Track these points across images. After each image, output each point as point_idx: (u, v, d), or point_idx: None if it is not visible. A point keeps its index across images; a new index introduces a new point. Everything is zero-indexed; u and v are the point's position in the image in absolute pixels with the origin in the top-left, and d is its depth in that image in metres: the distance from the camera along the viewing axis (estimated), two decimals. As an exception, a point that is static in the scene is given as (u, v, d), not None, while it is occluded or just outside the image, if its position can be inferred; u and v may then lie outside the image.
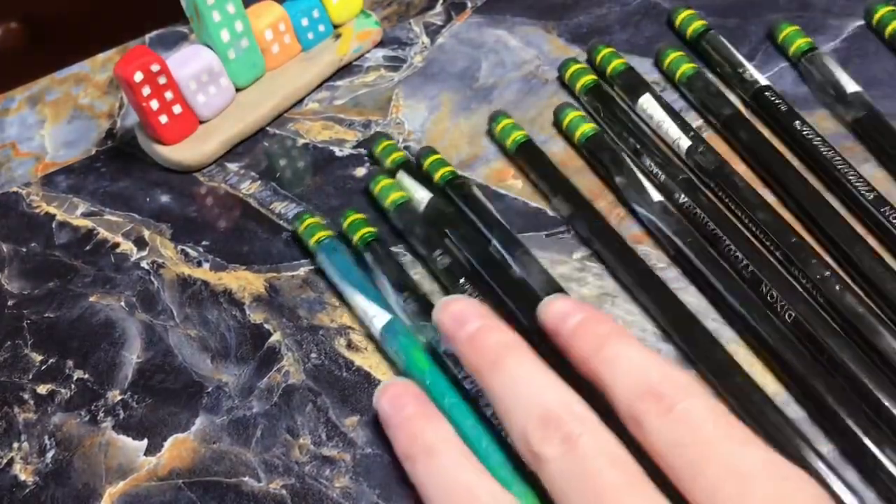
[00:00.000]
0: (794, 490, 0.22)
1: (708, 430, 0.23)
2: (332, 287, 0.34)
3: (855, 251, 0.32)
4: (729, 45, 0.38)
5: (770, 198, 0.34)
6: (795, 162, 0.35)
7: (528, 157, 0.37)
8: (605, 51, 0.39)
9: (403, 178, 0.36)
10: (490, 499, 0.25)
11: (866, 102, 0.35)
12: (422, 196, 0.35)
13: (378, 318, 0.32)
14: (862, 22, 0.39)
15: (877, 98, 0.36)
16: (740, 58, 0.38)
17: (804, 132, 0.35)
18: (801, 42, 0.38)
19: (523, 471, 0.26)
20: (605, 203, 0.35)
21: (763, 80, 0.37)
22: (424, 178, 0.36)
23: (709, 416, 0.23)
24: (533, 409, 0.24)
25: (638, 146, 0.36)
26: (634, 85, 0.38)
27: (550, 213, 0.36)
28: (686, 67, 0.38)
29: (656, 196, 0.34)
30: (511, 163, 0.37)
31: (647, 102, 0.37)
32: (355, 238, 0.34)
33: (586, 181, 0.36)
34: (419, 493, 0.26)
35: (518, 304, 0.31)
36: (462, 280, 0.32)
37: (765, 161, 0.35)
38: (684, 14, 0.40)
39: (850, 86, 0.36)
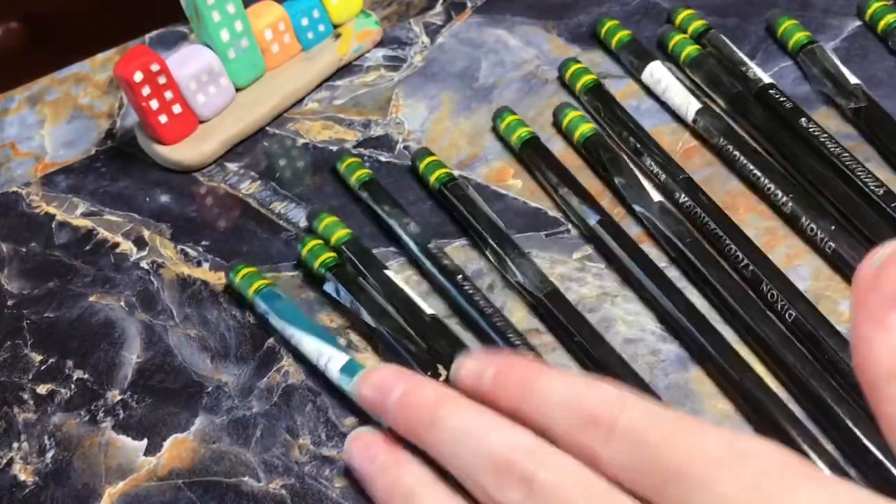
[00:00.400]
0: (760, 456, 0.21)
1: (656, 437, 0.22)
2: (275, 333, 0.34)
3: (858, 213, 0.32)
4: (730, 44, 0.38)
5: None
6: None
7: (532, 153, 0.36)
8: (610, 23, 0.40)
9: (368, 199, 0.35)
10: None
11: (866, 93, 0.36)
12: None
13: (334, 359, 0.31)
14: (861, 22, 0.39)
15: (877, 98, 0.36)
16: (742, 56, 0.38)
17: (810, 129, 0.35)
18: (800, 35, 0.38)
19: None
20: (605, 202, 0.35)
21: (766, 79, 0.37)
22: (420, 181, 0.37)
23: (650, 422, 0.22)
24: (480, 459, 0.23)
25: (638, 145, 0.36)
26: (641, 53, 0.38)
27: (550, 213, 0.36)
28: (690, 49, 0.38)
29: (656, 196, 0.34)
30: (514, 160, 0.37)
31: (655, 69, 0.37)
32: (316, 264, 0.34)
33: (586, 181, 0.36)
34: None
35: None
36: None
37: (774, 141, 0.35)
38: (684, 14, 0.40)
39: (851, 77, 0.36)
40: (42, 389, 0.33)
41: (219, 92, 0.39)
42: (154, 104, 0.38)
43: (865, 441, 0.27)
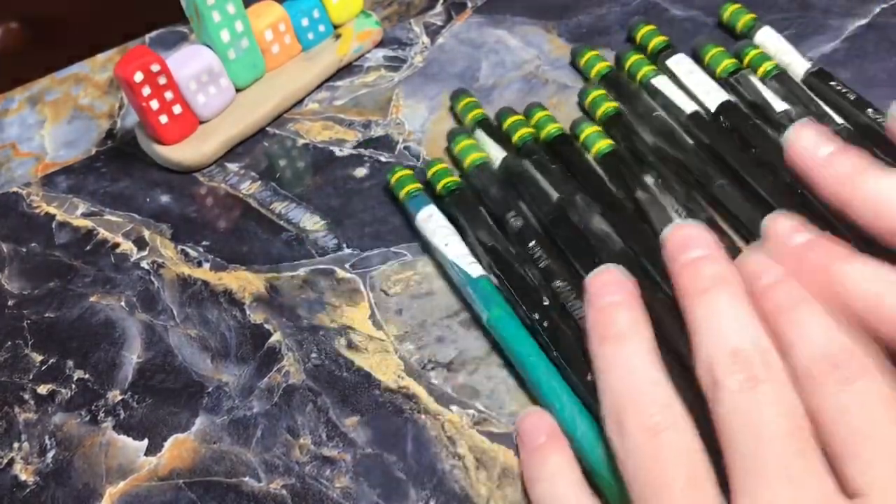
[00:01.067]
0: None
1: (876, 411, 0.23)
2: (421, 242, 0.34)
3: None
4: (678, 70, 0.38)
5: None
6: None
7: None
8: (590, 53, 0.39)
9: (481, 136, 0.37)
10: (665, 395, 0.25)
11: (793, 120, 0.34)
12: (496, 154, 0.36)
13: (474, 266, 0.32)
14: (862, 22, 0.39)
15: (876, 98, 0.36)
16: (691, 80, 0.37)
17: (759, 154, 0.34)
18: (727, 63, 0.37)
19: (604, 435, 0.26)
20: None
21: (717, 101, 0.36)
22: (505, 139, 0.37)
23: (881, 397, 0.23)
24: (727, 343, 0.25)
25: (659, 180, 0.34)
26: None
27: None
28: (647, 70, 0.38)
29: (675, 217, 0.33)
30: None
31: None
32: (439, 186, 0.35)
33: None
34: (598, 376, 0.26)
35: (585, 260, 0.31)
36: (532, 243, 0.32)
37: (733, 160, 0.34)
38: (644, 30, 0.40)
39: (777, 104, 0.35)
40: (42, 389, 0.33)
41: (219, 92, 0.39)
42: (154, 104, 0.38)
43: None
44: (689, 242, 0.28)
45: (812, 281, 0.26)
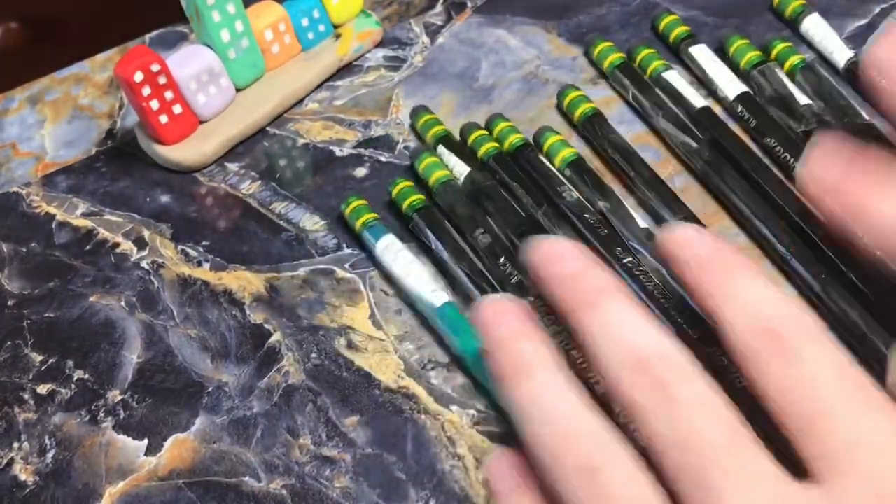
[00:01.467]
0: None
1: (829, 385, 0.21)
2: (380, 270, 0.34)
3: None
4: (700, 58, 0.38)
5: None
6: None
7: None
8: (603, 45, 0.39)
9: (443, 152, 0.37)
10: (579, 419, 0.23)
11: (816, 114, 0.35)
12: (461, 170, 0.36)
13: (438, 294, 0.32)
14: (862, 22, 0.39)
15: (877, 98, 0.36)
16: (713, 70, 0.37)
17: (775, 147, 0.34)
18: (751, 55, 0.37)
19: None
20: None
21: (735, 93, 0.36)
22: (470, 154, 0.37)
23: (832, 368, 0.21)
24: (626, 354, 0.23)
25: (636, 178, 0.34)
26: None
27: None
28: (657, 64, 0.38)
29: (643, 223, 0.33)
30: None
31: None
32: (405, 205, 0.35)
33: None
34: (517, 416, 0.24)
35: None
36: (502, 259, 0.32)
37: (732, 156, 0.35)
38: (667, 20, 0.40)
39: (801, 98, 0.35)
40: (42, 389, 0.33)
41: (219, 92, 0.39)
42: (154, 104, 0.38)
43: None
44: (556, 256, 0.25)
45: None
